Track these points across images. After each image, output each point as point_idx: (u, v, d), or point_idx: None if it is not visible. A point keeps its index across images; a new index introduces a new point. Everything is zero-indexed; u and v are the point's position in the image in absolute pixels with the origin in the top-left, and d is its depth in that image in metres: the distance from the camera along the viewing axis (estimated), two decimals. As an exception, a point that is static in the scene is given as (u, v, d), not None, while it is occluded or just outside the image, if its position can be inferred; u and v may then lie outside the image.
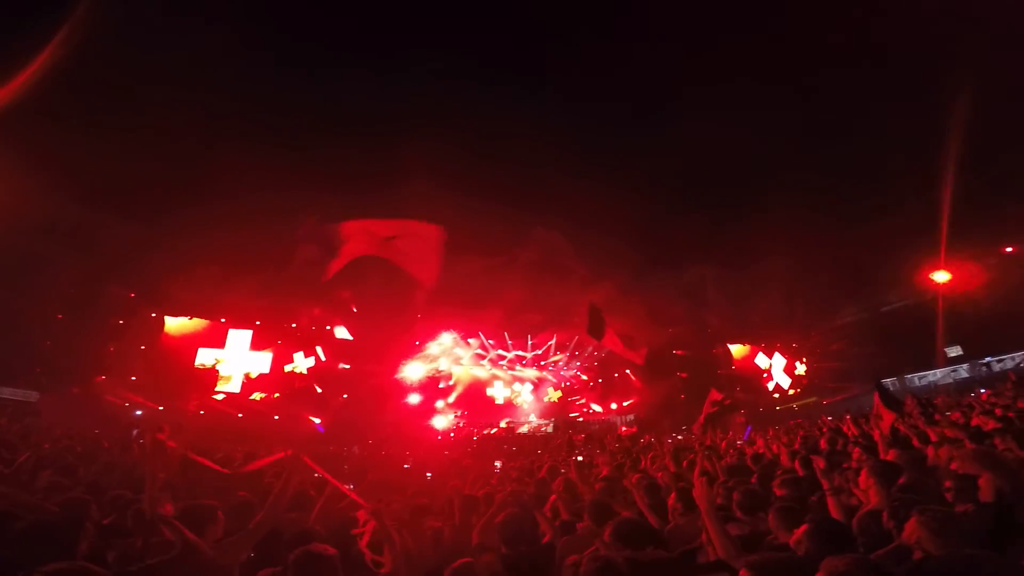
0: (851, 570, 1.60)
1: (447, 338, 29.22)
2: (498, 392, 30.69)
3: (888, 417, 6.42)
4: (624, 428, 24.74)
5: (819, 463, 3.37)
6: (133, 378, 22.17)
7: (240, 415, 21.98)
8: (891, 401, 6.71)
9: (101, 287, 21.98)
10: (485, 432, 25.71)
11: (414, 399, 27.85)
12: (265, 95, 24.24)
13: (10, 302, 18.39)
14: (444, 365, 29.71)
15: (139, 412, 20.64)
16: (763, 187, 22.86)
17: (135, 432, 11.06)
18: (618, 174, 24.72)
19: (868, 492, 3.20)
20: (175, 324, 23.26)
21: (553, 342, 31.18)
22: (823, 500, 3.19)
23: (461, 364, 30.26)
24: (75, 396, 19.53)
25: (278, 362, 24.02)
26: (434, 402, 28.76)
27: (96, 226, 20.24)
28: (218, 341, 22.98)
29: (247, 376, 23.14)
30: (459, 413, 29.19)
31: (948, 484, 2.75)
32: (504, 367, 31.13)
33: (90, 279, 21.55)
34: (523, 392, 30.92)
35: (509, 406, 30.46)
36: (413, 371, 28.48)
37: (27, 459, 4.59)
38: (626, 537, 2.64)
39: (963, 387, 19.35)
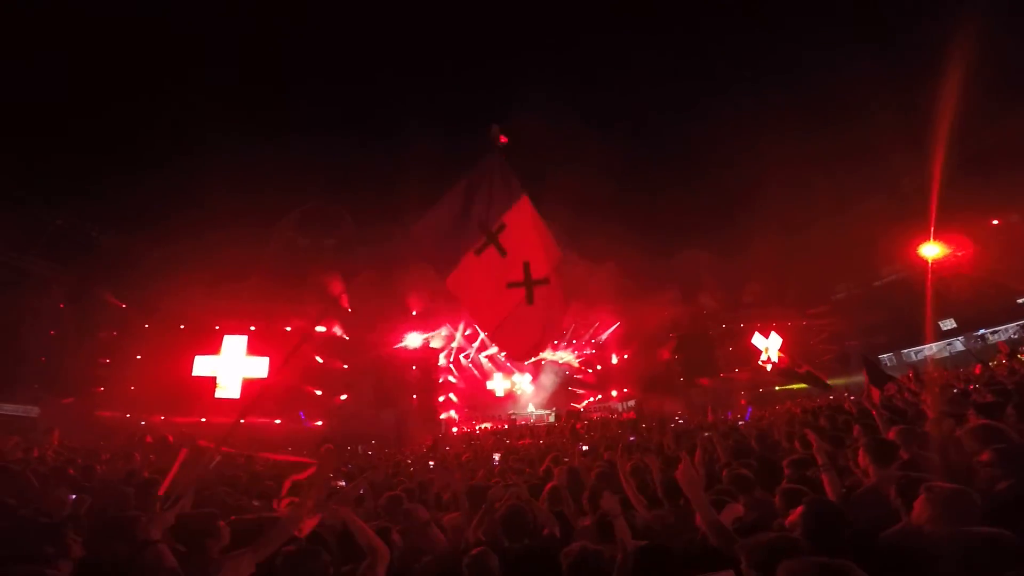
0: (804, 570, 1.56)
1: (446, 331, 29.10)
2: (498, 384, 30.69)
3: (875, 393, 6.43)
4: (623, 414, 24.75)
5: (814, 441, 3.32)
6: (132, 388, 22.04)
7: (243, 420, 21.82)
8: (878, 377, 6.69)
9: (92, 300, 21.81)
10: (485, 425, 25.70)
11: (414, 395, 27.79)
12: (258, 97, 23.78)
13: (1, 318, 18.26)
14: (443, 359, 29.66)
15: (143, 422, 20.53)
16: (754, 166, 22.81)
17: (142, 436, 10.98)
18: (614, 159, 24.49)
19: (867, 470, 3.21)
20: None
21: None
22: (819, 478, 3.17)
23: (460, 358, 30.24)
24: (74, 410, 19.44)
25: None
26: (435, 398, 28.73)
27: (83, 237, 20.07)
28: (214, 348, 22.86)
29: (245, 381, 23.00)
30: (459, 407, 29.22)
31: (985, 458, 2.56)
32: (503, 359, 31.05)
33: (80, 292, 21.37)
34: (523, 383, 30.93)
35: (509, 398, 30.46)
36: (413, 367, 28.39)
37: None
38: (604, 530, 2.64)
39: (959, 360, 19.47)
